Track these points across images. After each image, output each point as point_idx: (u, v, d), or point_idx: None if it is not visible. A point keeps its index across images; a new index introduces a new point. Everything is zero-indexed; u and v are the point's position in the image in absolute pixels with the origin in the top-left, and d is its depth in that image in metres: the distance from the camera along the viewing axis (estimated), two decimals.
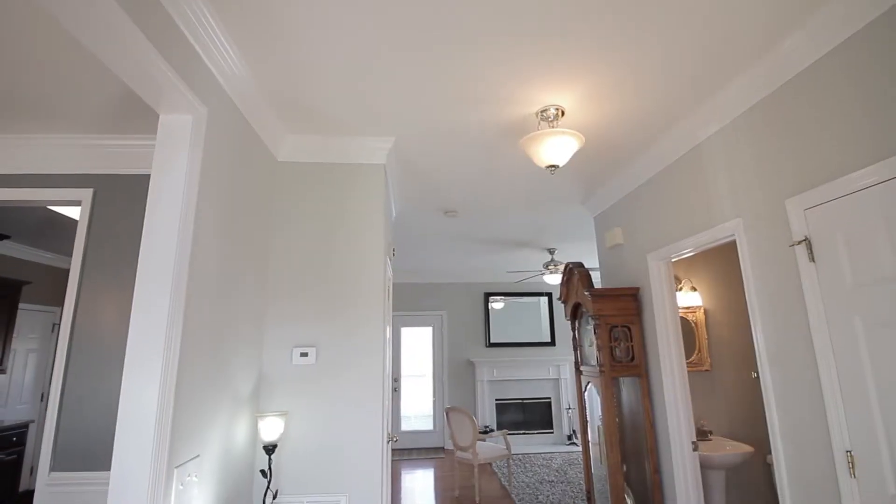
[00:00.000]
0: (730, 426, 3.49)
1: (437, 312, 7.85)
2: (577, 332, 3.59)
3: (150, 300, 1.54)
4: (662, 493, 2.89)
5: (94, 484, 2.23)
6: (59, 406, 2.35)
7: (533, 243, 5.76)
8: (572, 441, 7.21)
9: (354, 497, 2.29)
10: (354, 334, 2.49)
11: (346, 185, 2.71)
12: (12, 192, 2.64)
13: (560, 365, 7.59)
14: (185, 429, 1.61)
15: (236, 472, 2.08)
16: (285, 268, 2.56)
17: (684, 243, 2.70)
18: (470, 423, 4.89)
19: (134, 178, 2.63)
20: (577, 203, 4.12)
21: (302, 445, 2.34)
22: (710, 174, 2.48)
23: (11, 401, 4.98)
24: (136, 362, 1.49)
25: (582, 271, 3.33)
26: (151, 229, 1.61)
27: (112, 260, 2.55)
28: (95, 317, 2.48)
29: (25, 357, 5.21)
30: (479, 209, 4.22)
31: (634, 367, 3.07)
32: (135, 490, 1.40)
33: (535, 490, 4.95)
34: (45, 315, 5.49)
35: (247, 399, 2.22)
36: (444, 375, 7.58)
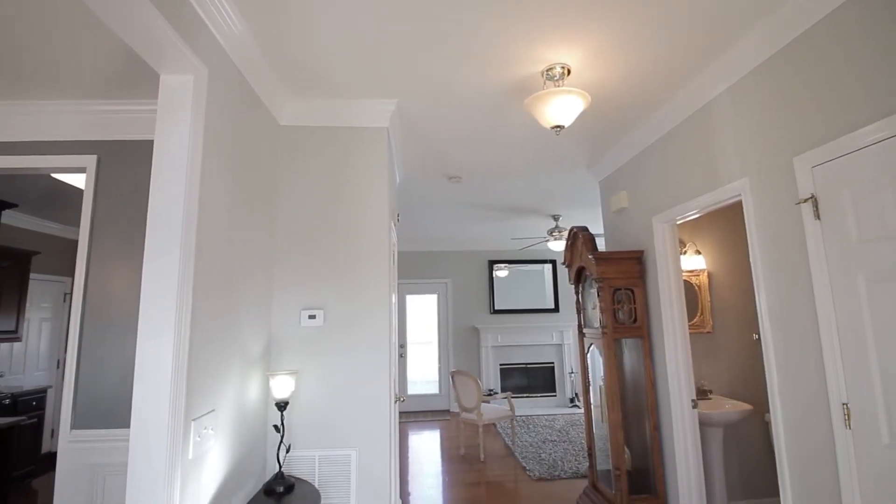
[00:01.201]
0: (730, 386, 3.57)
1: (442, 280, 7.92)
2: (581, 295, 3.63)
3: (160, 265, 1.57)
4: (661, 449, 2.98)
5: (112, 440, 2.32)
6: (76, 369, 2.42)
7: (537, 210, 5.74)
8: (574, 404, 7.39)
9: (364, 451, 2.39)
10: (361, 297, 2.53)
11: (349, 149, 2.70)
12: (15, 159, 2.63)
13: (563, 331, 7.69)
14: (200, 385, 1.67)
15: (251, 427, 2.16)
16: (291, 232, 2.58)
17: (690, 205, 2.69)
18: (475, 385, 5.01)
19: (138, 143, 2.62)
20: (582, 167, 4.08)
21: (312, 403, 2.42)
22: (718, 134, 2.45)
23: (29, 368, 5.14)
24: (149, 324, 1.52)
25: (586, 235, 3.33)
26: (158, 193, 1.62)
27: (119, 227, 2.57)
28: (106, 283, 2.52)
29: (39, 325, 5.34)
30: (483, 174, 4.19)
31: (637, 329, 3.12)
32: (155, 441, 1.46)
33: (537, 449, 5.11)
34: (56, 285, 5.58)
35: (258, 359, 2.28)
36: (449, 342, 7.72)
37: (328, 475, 2.34)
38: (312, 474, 2.34)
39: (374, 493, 2.36)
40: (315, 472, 2.34)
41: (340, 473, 2.35)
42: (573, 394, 7.49)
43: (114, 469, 2.30)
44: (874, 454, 1.66)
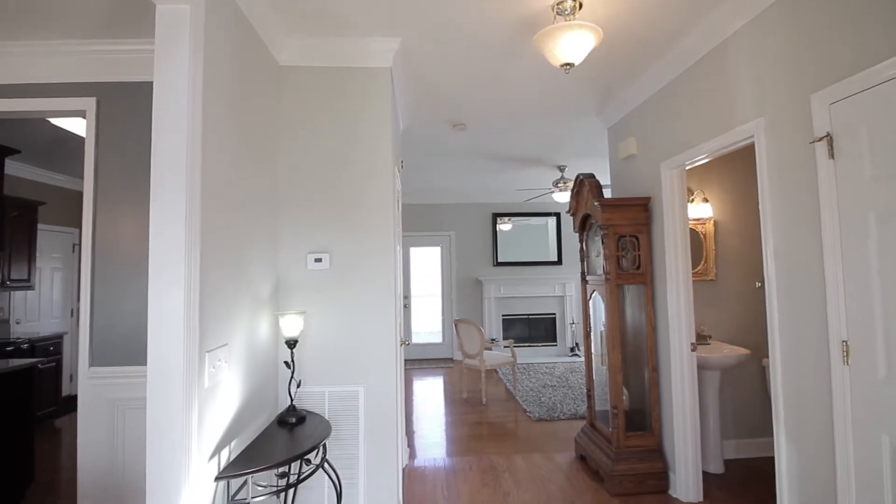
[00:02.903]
0: (730, 332, 3.63)
1: (446, 233, 7.93)
2: (585, 243, 3.63)
3: (167, 206, 1.56)
4: (659, 389, 3.08)
5: (129, 377, 2.42)
6: (90, 311, 2.48)
7: (543, 160, 5.65)
8: (575, 353, 7.57)
9: (371, 388, 2.48)
10: (366, 240, 2.55)
11: (352, 91, 2.62)
12: (10, 102, 2.58)
13: (566, 283, 7.77)
14: (212, 321, 1.71)
15: (263, 363, 2.24)
16: (295, 175, 2.56)
17: (700, 149, 2.64)
18: (477, 332, 5.12)
19: (139, 85, 2.56)
20: (590, 114, 3.97)
21: (321, 342, 2.49)
22: (733, 73, 2.36)
23: (43, 315, 5.27)
24: (159, 262, 1.54)
25: (592, 182, 3.29)
26: (160, 133, 1.59)
27: (123, 172, 2.55)
28: (114, 230, 2.54)
29: (52, 275, 5.43)
30: (489, 122, 4.10)
31: (640, 276, 3.14)
32: (171, 370, 1.52)
33: (538, 393, 5.29)
34: (64, 236, 5.63)
35: (267, 300, 2.33)
36: (452, 293, 7.83)
37: (338, 410, 2.44)
38: (323, 408, 2.44)
39: (382, 427, 2.47)
40: (325, 407, 2.44)
41: (349, 408, 2.45)
42: (573, 343, 7.66)
43: (132, 403, 2.40)
44: (869, 389, 1.71)
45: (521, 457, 3.55)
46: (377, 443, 2.46)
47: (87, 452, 2.39)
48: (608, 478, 2.96)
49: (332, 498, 2.41)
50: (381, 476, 2.45)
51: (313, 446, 1.84)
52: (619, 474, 2.93)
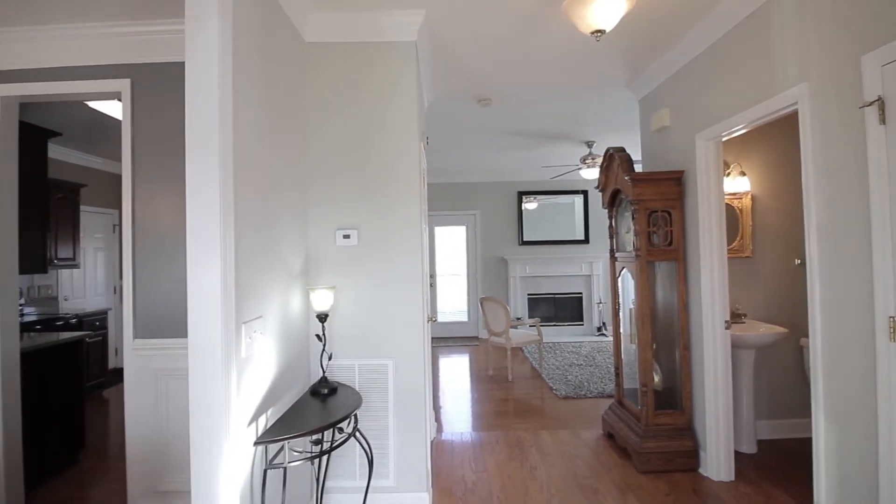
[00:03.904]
0: (766, 311, 3.52)
1: (471, 212, 7.90)
2: (615, 219, 3.56)
3: (202, 187, 1.59)
4: (690, 367, 3.03)
5: (168, 348, 2.53)
6: (132, 287, 2.59)
7: (570, 136, 5.52)
8: (602, 333, 7.51)
9: (399, 362, 2.52)
10: (393, 216, 2.56)
11: (377, 66, 2.60)
12: (47, 85, 2.66)
13: (593, 262, 7.66)
14: (247, 294, 1.76)
15: (295, 336, 2.30)
16: (322, 152, 2.58)
17: (738, 119, 2.52)
18: (503, 310, 5.13)
19: (171, 66, 2.60)
20: (620, 86, 3.84)
21: (350, 316, 2.54)
22: (777, 35, 2.23)
23: (89, 293, 5.55)
24: (197, 239, 1.58)
25: (623, 156, 3.20)
26: (193, 114, 1.61)
27: (158, 152, 2.62)
28: (152, 209, 2.62)
29: (95, 255, 5.70)
30: (515, 96, 4.02)
31: (672, 252, 3.06)
32: (211, 341, 1.57)
33: (564, 371, 5.29)
34: (105, 217, 5.87)
35: (298, 275, 2.38)
36: (477, 273, 7.84)
37: (367, 382, 2.50)
38: (353, 381, 2.50)
39: (410, 400, 2.52)
40: (355, 380, 2.51)
41: (379, 381, 2.50)
42: (600, 323, 7.59)
43: (174, 373, 2.52)
44: None
45: (548, 433, 3.57)
46: (406, 415, 2.52)
47: (134, 419, 2.53)
48: (636, 455, 2.95)
49: (363, 467, 2.49)
50: (410, 447, 2.51)
51: (345, 416, 1.90)
52: (647, 451, 2.92)
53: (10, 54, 2.61)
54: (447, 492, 2.73)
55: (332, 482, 2.48)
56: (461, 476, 2.92)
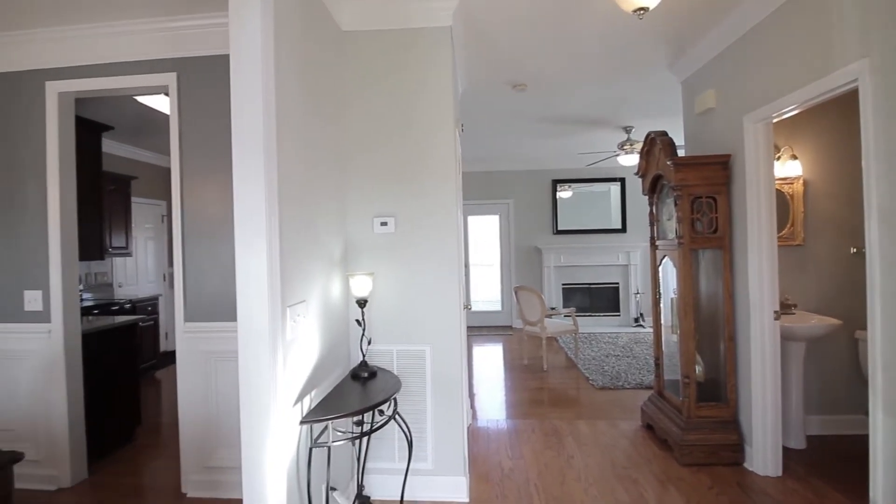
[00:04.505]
0: (818, 302, 3.35)
1: (504, 201, 7.84)
2: (655, 206, 3.45)
3: (248, 178, 1.63)
4: (736, 359, 2.92)
5: (217, 331, 2.65)
6: (182, 274, 2.72)
7: (607, 121, 5.37)
8: (639, 324, 7.34)
9: (436, 347, 2.55)
10: (429, 203, 2.57)
11: (412, 53, 2.60)
12: (100, 81, 2.79)
13: (630, 251, 7.48)
14: (291, 279, 1.82)
15: (335, 320, 2.37)
16: (359, 140, 2.61)
17: (790, 98, 2.39)
18: (538, 299, 5.09)
19: (213, 58, 2.68)
20: (662, 67, 3.69)
21: (388, 302, 2.58)
22: (834, 9, 2.09)
23: (141, 279, 5.86)
24: (244, 228, 1.63)
25: (664, 140, 3.09)
26: (238, 106, 1.65)
27: (203, 143, 2.71)
28: (199, 199, 2.72)
29: (145, 244, 6.00)
30: (551, 81, 3.93)
31: (717, 240, 2.95)
32: (258, 324, 1.64)
33: (600, 362, 5.21)
34: (154, 208, 6.16)
35: (338, 262, 2.44)
36: (511, 262, 7.79)
37: (405, 368, 2.54)
38: (391, 366, 2.55)
39: (447, 385, 2.55)
40: (393, 364, 2.55)
41: (417, 367, 2.54)
42: (638, 314, 7.41)
43: (222, 355, 2.63)
44: None
45: (585, 422, 3.54)
46: (443, 400, 2.55)
47: (186, 398, 2.67)
48: (678, 447, 2.89)
49: (401, 450, 2.54)
50: (448, 431, 2.55)
51: (386, 398, 1.94)
52: (689, 444, 2.85)
53: (66, 52, 2.76)
54: (484, 477, 2.75)
55: (372, 463, 2.55)
56: (497, 462, 2.94)
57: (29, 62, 2.81)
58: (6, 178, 2.84)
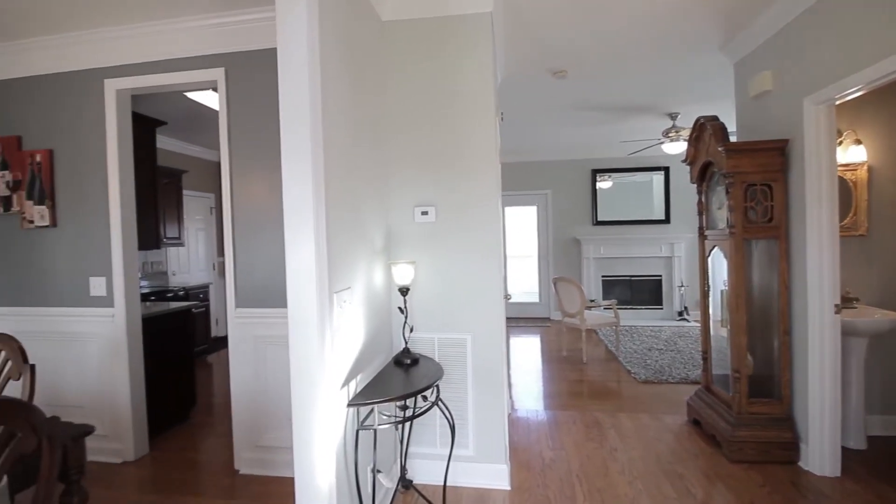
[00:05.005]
0: (882, 295, 3.13)
1: (542, 191, 7.72)
2: (705, 194, 3.31)
3: (296, 170, 1.67)
4: (791, 354, 2.78)
5: (265, 317, 2.75)
6: (233, 262, 2.83)
7: (652, 107, 5.18)
8: (683, 318, 7.10)
9: (477, 336, 2.56)
10: (470, 191, 2.57)
11: (452, 41, 2.59)
12: (153, 77, 2.91)
13: (674, 243, 7.22)
14: (337, 267, 1.86)
15: (378, 308, 2.41)
16: (400, 130, 2.63)
17: (857, 78, 2.23)
18: (577, 291, 5.00)
19: (259, 52, 2.76)
20: (712, 49, 3.52)
21: (429, 291, 2.61)
22: None
23: (193, 268, 6.16)
24: (293, 218, 1.67)
25: (715, 125, 2.96)
26: (286, 99, 1.68)
27: (250, 137, 2.80)
28: (248, 191, 2.82)
29: (196, 234, 6.29)
30: (593, 66, 3.83)
31: (772, 229, 2.80)
32: (308, 309, 1.69)
33: (643, 356, 5.08)
34: (203, 200, 6.44)
35: (380, 250, 2.48)
36: (549, 253, 7.68)
37: (447, 355, 2.57)
38: (432, 353, 2.58)
39: (488, 373, 2.55)
40: (434, 352, 2.58)
41: (458, 355, 2.56)
42: (682, 307, 7.16)
43: (271, 340, 2.74)
44: None
45: (627, 416, 3.47)
46: (484, 388, 2.56)
47: (238, 381, 2.80)
48: (726, 443, 2.79)
49: (443, 436, 2.57)
50: (488, 419, 2.56)
51: (429, 384, 1.96)
52: (739, 440, 2.74)
53: (123, 50, 2.91)
54: (525, 466, 2.75)
55: (414, 448, 2.60)
56: (538, 452, 2.93)
57: (89, 61, 2.98)
58: (76, 172, 3.04)
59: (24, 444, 1.15)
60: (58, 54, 2.99)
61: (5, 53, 3.04)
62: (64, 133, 3.05)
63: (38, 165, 3.05)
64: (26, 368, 1.86)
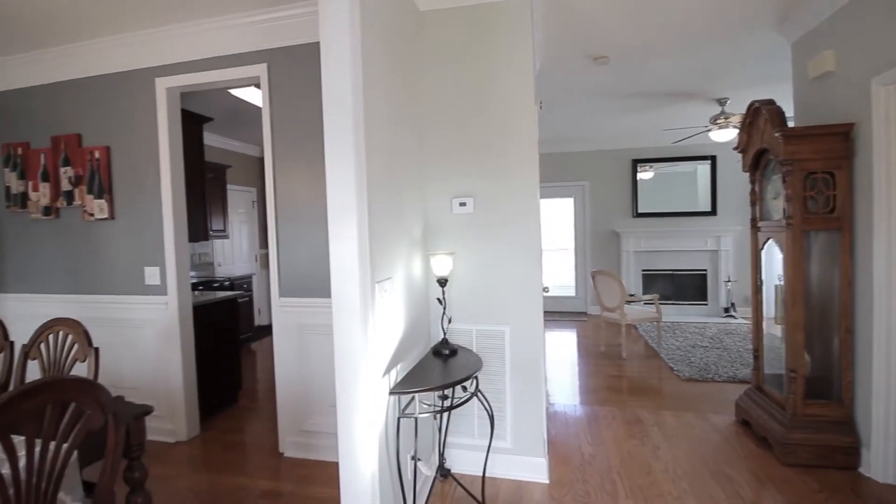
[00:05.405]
0: None
1: (580, 183, 7.55)
2: (758, 183, 3.14)
3: (340, 165, 1.69)
4: (853, 354, 2.61)
5: (307, 306, 2.83)
6: (277, 253, 2.91)
7: (698, 93, 4.95)
8: (730, 314, 6.80)
9: (515, 329, 2.53)
10: (508, 183, 2.53)
11: (491, 28, 2.54)
12: (200, 75, 3.01)
13: (721, 236, 6.91)
14: (379, 258, 1.88)
15: (417, 298, 2.42)
16: (438, 121, 2.62)
17: None
18: (617, 284, 4.88)
19: (299, 47, 2.81)
20: (767, 28, 3.32)
21: (467, 283, 2.60)
22: None
23: (237, 260, 6.40)
24: (337, 211, 1.70)
25: (771, 109, 2.79)
26: (329, 90, 1.70)
27: (291, 131, 2.86)
28: (289, 185, 2.89)
29: (239, 227, 6.52)
30: (636, 51, 3.68)
31: (833, 220, 2.63)
32: (351, 299, 1.71)
33: (686, 353, 4.90)
34: (245, 194, 6.66)
35: (418, 241, 2.48)
36: (586, 246, 7.52)
37: (484, 347, 2.56)
38: (470, 345, 2.57)
39: (527, 366, 2.53)
40: (472, 344, 2.57)
41: (496, 347, 2.54)
42: (728, 303, 6.86)
43: (313, 329, 2.81)
44: None
45: (671, 413, 3.36)
46: (522, 381, 2.53)
47: (282, 366, 2.89)
48: (779, 445, 2.66)
49: (480, 427, 2.57)
50: (526, 412, 2.53)
51: (469, 375, 1.96)
52: (793, 443, 2.61)
53: (172, 49, 3.03)
54: (563, 460, 2.72)
55: (451, 438, 2.61)
56: (577, 447, 2.88)
57: (140, 61, 3.12)
58: (131, 167, 3.19)
59: (93, 420, 1.22)
60: (111, 55, 3.15)
61: (63, 56, 3.22)
62: (119, 130, 3.21)
63: (96, 161, 3.23)
64: (91, 351, 1.98)
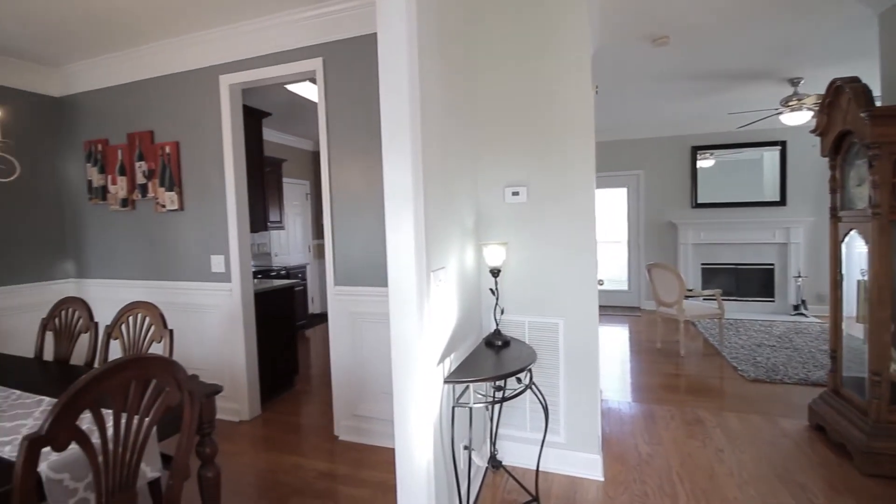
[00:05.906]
0: None
1: (634, 172, 7.24)
2: (839, 169, 2.88)
3: (397, 154, 1.70)
4: None
5: (360, 295, 2.90)
6: (332, 243, 2.99)
7: (767, 73, 4.60)
8: (799, 312, 6.33)
9: (570, 321, 2.47)
10: (563, 171, 2.46)
11: (544, 10, 2.45)
12: (260, 71, 3.11)
13: (790, 227, 6.43)
14: (434, 247, 1.87)
15: (469, 288, 2.41)
16: (492, 108, 2.57)
17: None
18: (675, 278, 4.66)
19: (353, 40, 2.85)
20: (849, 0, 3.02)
21: (520, 273, 2.56)
22: None
23: (292, 250, 6.65)
24: (394, 203, 1.71)
25: (857, 87, 2.54)
26: (387, 86, 1.70)
27: (346, 124, 2.92)
28: (344, 177, 2.95)
29: (294, 219, 6.77)
30: (699, 28, 3.46)
31: None
32: (407, 288, 1.72)
33: (751, 352, 4.62)
34: (299, 187, 6.90)
35: (470, 231, 2.47)
36: (640, 238, 7.23)
37: (537, 339, 2.51)
38: (523, 337, 2.54)
39: (581, 360, 2.46)
40: (525, 335, 2.54)
41: (549, 339, 2.50)
42: (798, 301, 6.39)
43: (365, 317, 2.88)
44: None
45: (735, 415, 3.17)
46: (576, 375, 2.47)
47: (337, 352, 2.98)
48: (859, 454, 2.45)
49: (532, 420, 2.54)
50: (581, 407, 2.47)
51: (523, 367, 1.93)
52: (876, 452, 2.39)
53: (234, 47, 3.16)
54: (619, 458, 2.64)
55: (503, 430, 2.60)
56: (633, 445, 2.79)
57: (205, 59, 3.28)
58: (198, 161, 3.38)
59: (171, 397, 1.30)
60: (179, 55, 3.33)
61: (136, 57, 3.44)
62: (188, 126, 3.39)
63: (167, 156, 3.44)
64: (166, 333, 2.12)
